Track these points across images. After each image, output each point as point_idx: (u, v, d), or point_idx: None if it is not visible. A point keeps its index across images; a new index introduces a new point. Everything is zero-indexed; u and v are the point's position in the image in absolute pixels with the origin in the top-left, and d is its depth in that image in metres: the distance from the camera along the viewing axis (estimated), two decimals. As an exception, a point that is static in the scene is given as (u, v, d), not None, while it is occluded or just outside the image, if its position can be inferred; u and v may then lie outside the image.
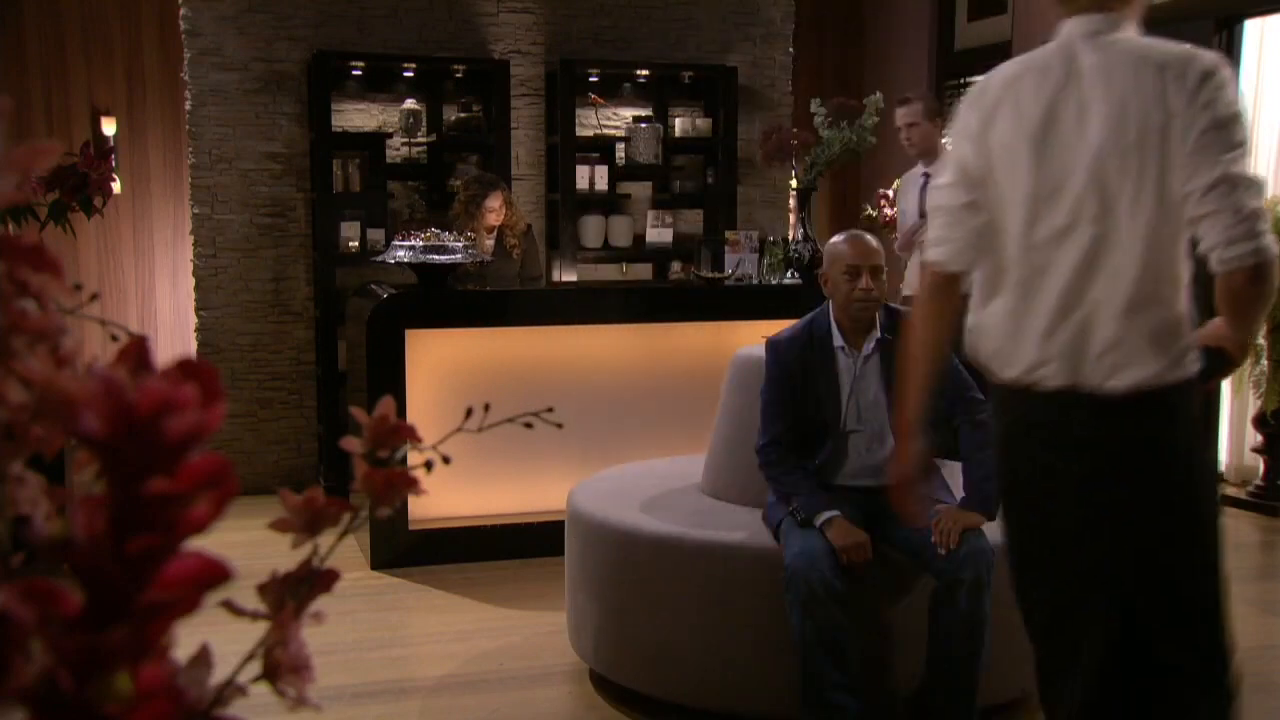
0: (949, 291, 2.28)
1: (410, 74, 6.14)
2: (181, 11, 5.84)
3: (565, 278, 6.24)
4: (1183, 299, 2.08)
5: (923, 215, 4.97)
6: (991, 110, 2.17)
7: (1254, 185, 1.98)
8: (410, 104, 6.10)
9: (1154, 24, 4.69)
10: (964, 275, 2.26)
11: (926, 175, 5.14)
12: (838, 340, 3.21)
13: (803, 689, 2.96)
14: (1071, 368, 2.09)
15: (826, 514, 3.05)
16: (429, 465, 0.77)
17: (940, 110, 5.25)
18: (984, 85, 2.22)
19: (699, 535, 3.30)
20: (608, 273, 6.59)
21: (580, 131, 6.38)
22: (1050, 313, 2.10)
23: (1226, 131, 1.99)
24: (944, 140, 5.12)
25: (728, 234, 5.56)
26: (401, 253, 4.82)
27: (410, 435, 0.77)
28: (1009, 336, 2.15)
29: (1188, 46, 2.06)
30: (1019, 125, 2.13)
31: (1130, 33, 2.13)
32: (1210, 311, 2.08)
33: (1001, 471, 2.27)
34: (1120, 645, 2.16)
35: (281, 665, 0.67)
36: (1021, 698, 3.45)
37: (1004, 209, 2.16)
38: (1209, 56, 2.04)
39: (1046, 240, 2.11)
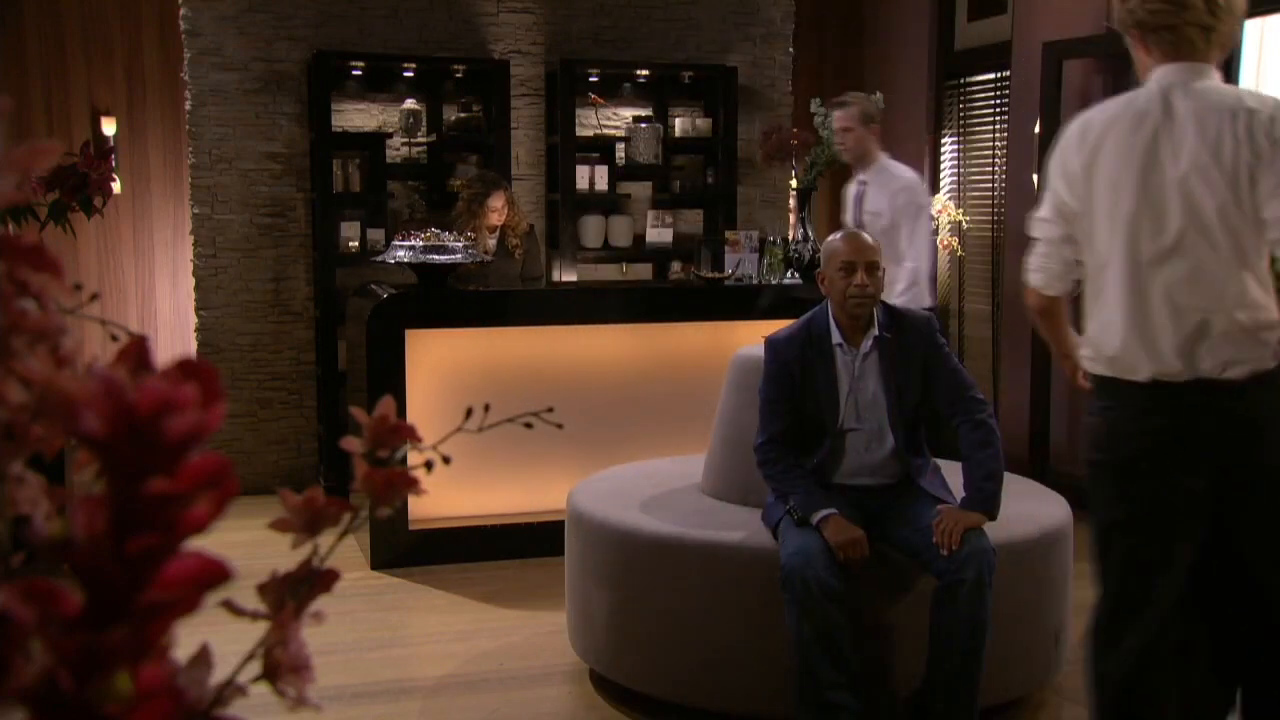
0: (1056, 308, 2.70)
1: (410, 74, 6.14)
2: (181, 11, 5.85)
3: (565, 278, 6.24)
4: (1274, 303, 2.44)
5: (859, 227, 4.74)
6: (1094, 151, 2.48)
7: None
8: (410, 104, 6.10)
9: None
10: (1062, 296, 2.67)
11: (863, 184, 5.05)
12: (836, 338, 3.21)
13: (800, 688, 2.96)
14: (1191, 365, 2.40)
15: (823, 512, 3.05)
16: (429, 465, 0.77)
17: (875, 116, 5.08)
18: (1084, 127, 2.52)
19: (699, 535, 3.30)
20: (608, 273, 6.59)
21: (580, 131, 6.38)
22: (1168, 320, 2.41)
23: None
24: (880, 149, 5.07)
25: (728, 234, 5.56)
26: (401, 253, 4.82)
27: (410, 435, 0.77)
28: (1129, 343, 2.45)
29: (1268, 96, 2.44)
30: (1124, 163, 2.44)
31: (1215, 79, 2.48)
32: None
33: (1104, 450, 2.54)
34: (1186, 599, 2.47)
35: (281, 665, 0.67)
36: (1022, 698, 3.45)
37: (1111, 234, 2.47)
38: None
39: (1154, 260, 2.42)
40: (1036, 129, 5.79)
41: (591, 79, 6.43)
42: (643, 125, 6.50)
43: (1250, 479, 2.45)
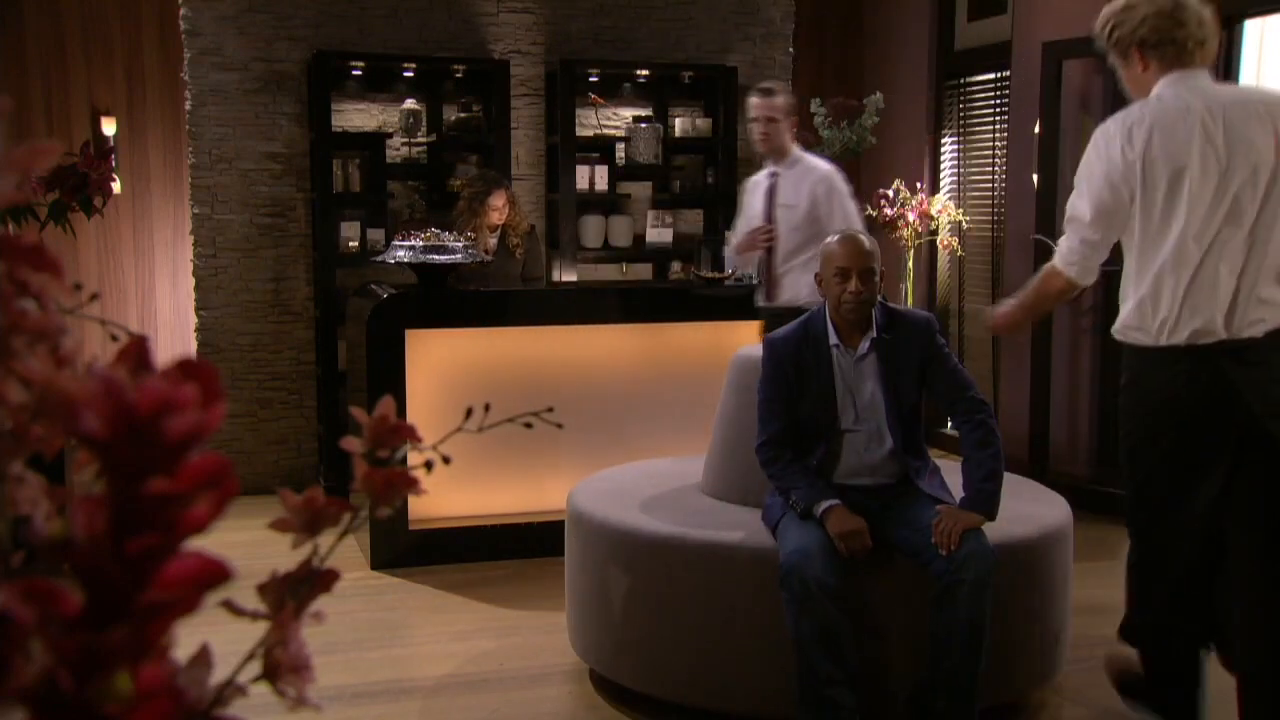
0: (1070, 295, 3.15)
1: (410, 74, 6.14)
2: (181, 11, 5.85)
3: (565, 278, 6.24)
4: None
5: (769, 219, 4.66)
6: (1144, 148, 2.80)
7: None
8: (410, 104, 6.10)
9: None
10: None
11: (774, 176, 4.73)
12: (833, 339, 3.21)
13: (799, 686, 2.96)
14: (1227, 326, 2.77)
15: (826, 504, 3.05)
16: (429, 465, 0.78)
17: (795, 108, 4.80)
18: (1127, 132, 2.83)
19: (699, 535, 3.30)
20: (608, 273, 6.59)
21: (580, 131, 6.38)
22: (1216, 290, 2.76)
23: None
24: (797, 145, 4.73)
25: (728, 234, 5.56)
26: (401, 253, 4.83)
27: (410, 435, 0.77)
28: (1175, 310, 2.79)
29: (1268, 88, 2.96)
30: (1178, 155, 2.78)
31: (1210, 81, 2.87)
32: None
33: (1143, 407, 2.90)
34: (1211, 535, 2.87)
35: (281, 665, 0.67)
36: (1022, 698, 3.45)
37: (1165, 221, 2.81)
38: None
39: (1199, 240, 2.77)
40: (1036, 129, 5.79)
41: (591, 79, 6.43)
42: (643, 125, 6.50)
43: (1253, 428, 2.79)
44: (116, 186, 4.22)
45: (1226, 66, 5.21)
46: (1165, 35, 2.84)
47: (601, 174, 6.36)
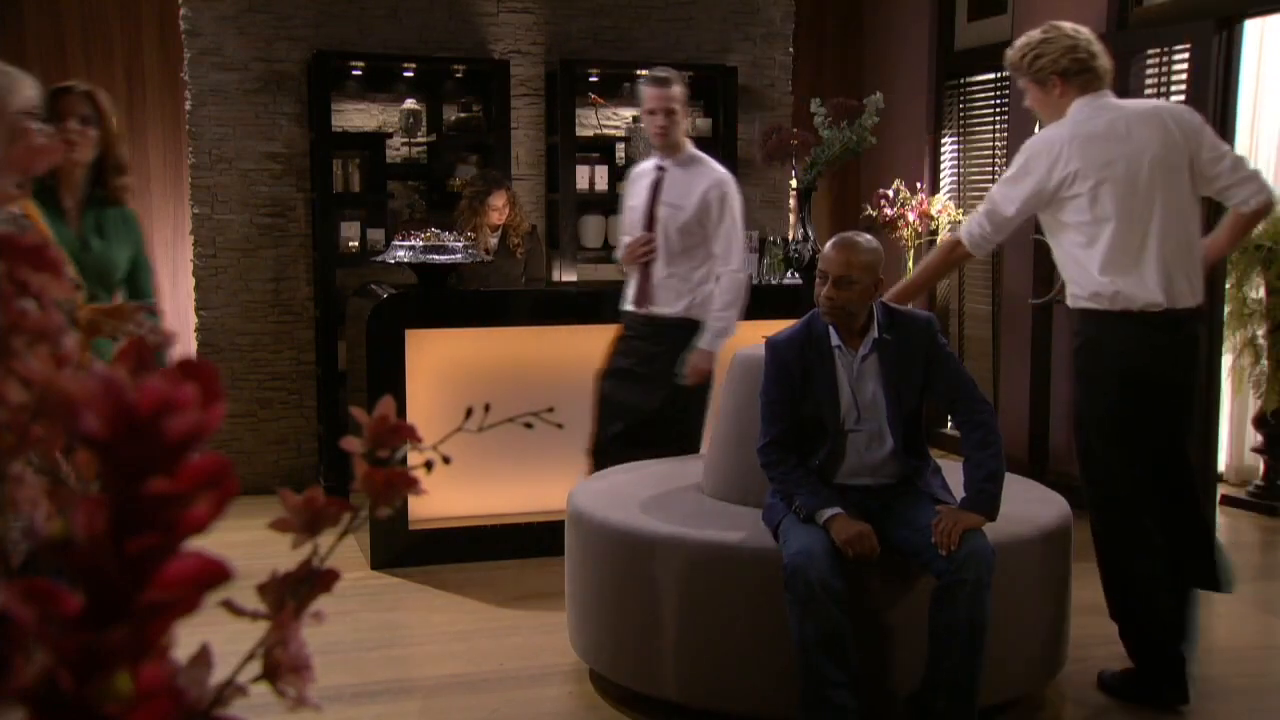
0: (961, 263, 4.09)
1: (410, 74, 6.14)
2: (181, 11, 5.84)
3: (565, 278, 6.24)
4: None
5: (651, 216, 4.31)
6: (1083, 153, 3.38)
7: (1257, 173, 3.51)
8: (410, 104, 6.10)
9: (1155, 24, 4.78)
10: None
11: (662, 170, 4.34)
12: (834, 339, 3.21)
13: (802, 688, 2.96)
14: (1168, 297, 3.36)
15: (829, 511, 3.05)
16: (429, 465, 0.78)
17: (687, 100, 4.46)
18: (1068, 140, 3.40)
19: (699, 535, 3.30)
20: (608, 273, 6.58)
21: (580, 131, 6.38)
22: (1153, 265, 3.35)
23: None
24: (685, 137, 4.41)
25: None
26: (401, 253, 4.82)
27: (410, 435, 0.77)
28: (1124, 283, 3.35)
29: (1162, 101, 3.78)
30: (1094, 169, 3.38)
31: (1115, 98, 3.51)
32: None
33: (1099, 367, 3.45)
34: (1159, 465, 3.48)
35: (281, 665, 0.67)
36: (1022, 698, 3.45)
37: (1100, 214, 3.37)
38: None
39: (1135, 226, 3.36)
40: (1036, 129, 5.79)
41: (591, 79, 6.43)
42: (643, 125, 6.49)
43: (1183, 383, 3.47)
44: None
45: (1226, 66, 5.22)
46: (1084, 65, 3.44)
47: (601, 174, 6.36)
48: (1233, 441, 6.14)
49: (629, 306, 4.44)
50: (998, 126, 6.61)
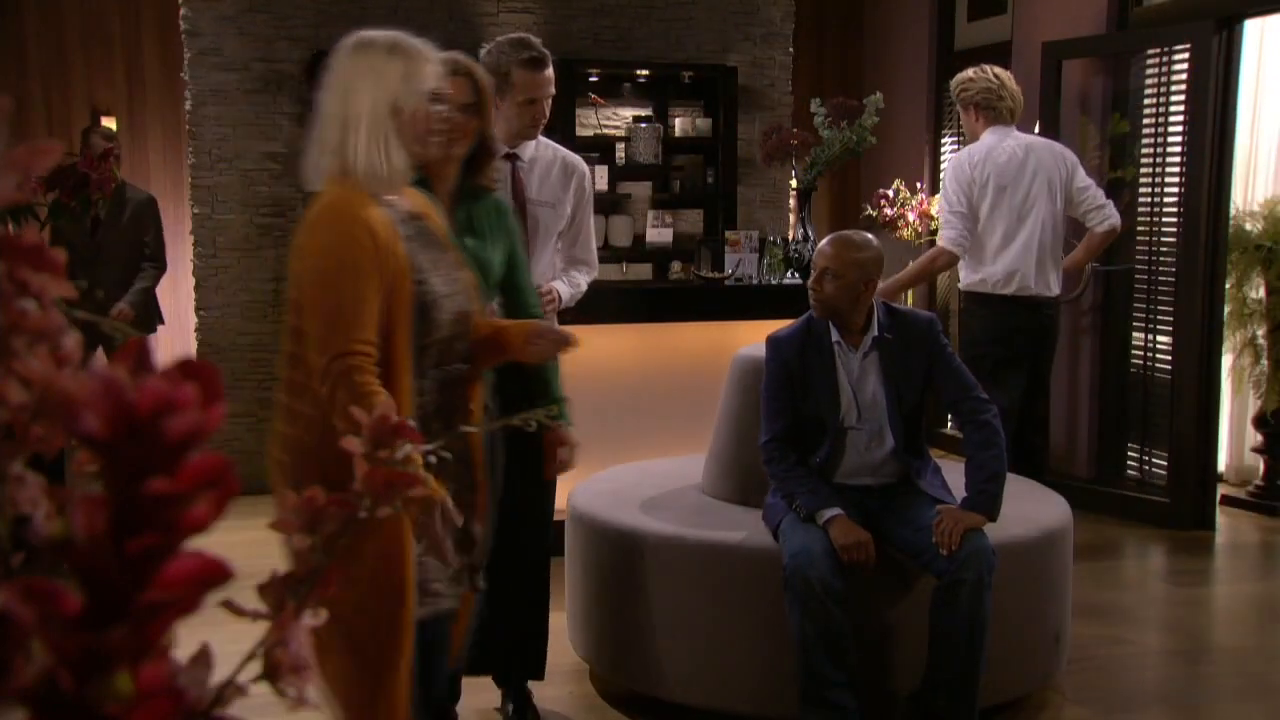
0: (949, 265, 4.88)
1: (410, 74, 6.13)
2: (181, 11, 5.85)
3: (565, 278, 6.22)
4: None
5: (521, 219, 3.31)
6: (985, 175, 4.62)
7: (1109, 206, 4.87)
8: (410, 104, 6.09)
9: (1155, 24, 4.79)
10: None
11: (515, 161, 3.59)
12: (835, 337, 3.22)
13: (802, 688, 2.96)
14: (1038, 285, 4.63)
15: (829, 512, 3.05)
16: (429, 465, 0.77)
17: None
18: (975, 165, 4.64)
19: (699, 535, 3.30)
20: (608, 273, 6.58)
21: (580, 131, 6.38)
22: (1029, 259, 4.61)
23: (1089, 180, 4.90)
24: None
25: (728, 234, 5.56)
26: (402, 253, 4.81)
27: (410, 435, 0.77)
28: (1009, 273, 4.60)
29: (1023, 135, 4.81)
30: (998, 181, 4.62)
31: (1016, 131, 4.75)
32: None
33: (987, 335, 4.69)
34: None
35: (282, 665, 0.67)
36: (1022, 698, 3.45)
37: (999, 216, 4.64)
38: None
39: (1019, 229, 4.62)
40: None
41: (591, 79, 6.43)
42: (643, 125, 6.50)
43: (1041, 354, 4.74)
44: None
45: (1226, 66, 5.22)
46: (991, 102, 4.67)
47: (601, 174, 6.36)
48: (1233, 441, 6.14)
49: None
50: (998, 126, 6.60)
